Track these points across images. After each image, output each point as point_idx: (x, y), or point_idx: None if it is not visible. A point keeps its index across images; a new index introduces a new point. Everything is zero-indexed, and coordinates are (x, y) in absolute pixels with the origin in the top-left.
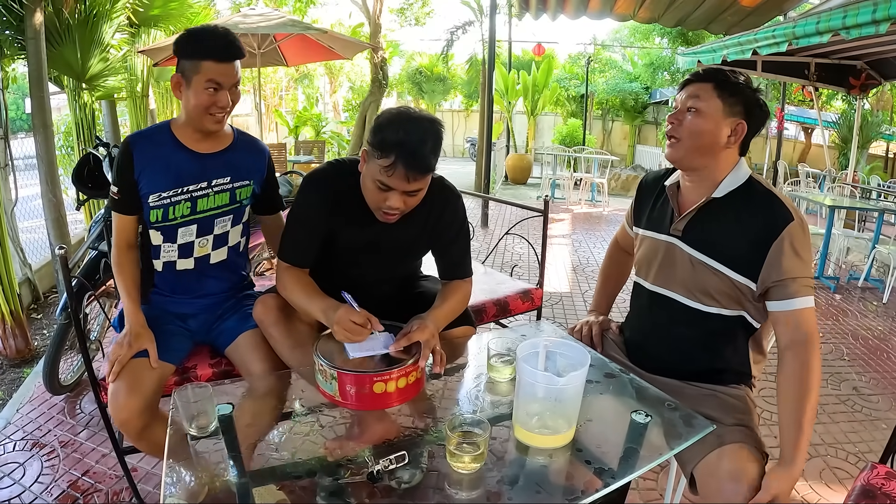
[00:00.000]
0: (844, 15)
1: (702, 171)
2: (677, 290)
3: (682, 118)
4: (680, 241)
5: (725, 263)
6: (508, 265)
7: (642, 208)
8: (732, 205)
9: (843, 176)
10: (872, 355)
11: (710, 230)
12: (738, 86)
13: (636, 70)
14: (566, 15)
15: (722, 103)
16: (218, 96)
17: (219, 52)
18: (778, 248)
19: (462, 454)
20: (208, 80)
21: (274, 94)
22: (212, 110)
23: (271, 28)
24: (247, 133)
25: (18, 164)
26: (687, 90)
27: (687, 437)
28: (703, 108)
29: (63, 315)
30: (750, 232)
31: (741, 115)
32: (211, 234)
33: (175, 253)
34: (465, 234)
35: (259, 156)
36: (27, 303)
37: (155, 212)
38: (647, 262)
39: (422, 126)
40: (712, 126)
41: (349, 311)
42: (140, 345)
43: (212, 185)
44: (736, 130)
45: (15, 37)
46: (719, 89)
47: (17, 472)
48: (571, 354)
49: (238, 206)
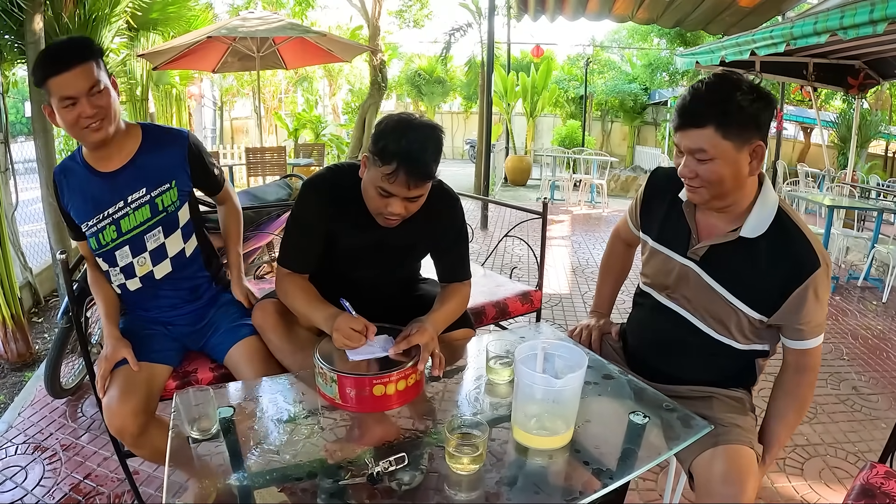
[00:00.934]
0: (842, 15)
1: (730, 206)
2: (689, 310)
3: (694, 168)
4: (698, 268)
5: (742, 299)
6: (508, 267)
7: (652, 214)
8: (760, 241)
9: (843, 175)
10: (872, 355)
11: (733, 264)
12: (739, 110)
13: (635, 71)
14: (564, 16)
15: (731, 143)
16: (78, 108)
17: (56, 65)
18: (801, 295)
19: (461, 455)
20: (61, 98)
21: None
22: (81, 123)
23: (270, 31)
24: (157, 126)
25: (18, 168)
26: (686, 137)
27: (685, 438)
28: (712, 154)
29: (64, 319)
30: (776, 276)
31: (755, 136)
32: (146, 252)
33: (121, 276)
34: (463, 238)
35: (173, 147)
36: (28, 306)
37: (91, 240)
38: (660, 279)
39: (423, 133)
40: (730, 167)
41: (348, 318)
42: (116, 355)
43: (128, 202)
44: (755, 153)
45: (15, 41)
46: (723, 129)
47: (20, 476)
48: (569, 356)
49: (165, 216)
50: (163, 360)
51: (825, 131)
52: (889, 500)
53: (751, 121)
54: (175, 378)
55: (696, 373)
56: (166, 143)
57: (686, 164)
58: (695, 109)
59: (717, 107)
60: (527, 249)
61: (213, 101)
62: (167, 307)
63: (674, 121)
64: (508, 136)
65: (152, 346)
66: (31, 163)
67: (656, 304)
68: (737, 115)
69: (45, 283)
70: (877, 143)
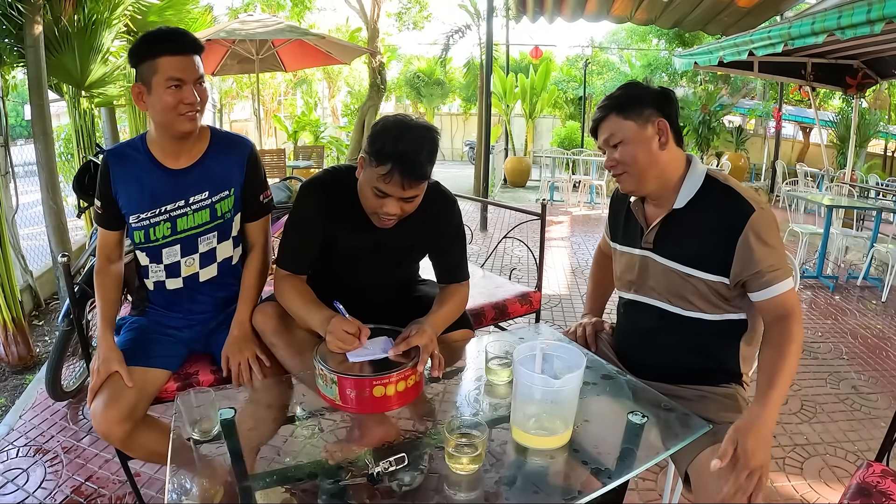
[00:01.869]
0: (839, 15)
1: (658, 186)
2: (655, 297)
3: (613, 157)
4: (652, 253)
5: (696, 266)
6: (507, 268)
7: (616, 223)
8: (694, 209)
9: (842, 175)
10: (871, 354)
11: (678, 237)
12: (633, 95)
13: (634, 72)
14: (563, 17)
15: (632, 122)
16: (182, 92)
17: (174, 45)
18: (745, 242)
19: (460, 455)
20: (168, 78)
21: (272, 100)
22: (180, 109)
23: (269, 34)
24: (224, 132)
25: (18, 171)
26: (601, 133)
27: (683, 437)
28: (621, 137)
29: (65, 322)
30: (715, 231)
31: (655, 114)
32: (196, 253)
33: (163, 273)
34: (461, 239)
35: (235, 154)
36: (28, 309)
37: (137, 233)
38: (625, 275)
39: (418, 134)
40: (640, 145)
41: (341, 320)
42: (109, 369)
43: (190, 203)
44: (660, 129)
45: (14, 45)
46: (622, 112)
47: (21, 478)
48: (568, 357)
49: (221, 221)
50: (161, 366)
51: (824, 131)
52: (885, 499)
53: (646, 101)
54: (176, 380)
55: (681, 356)
56: (230, 149)
57: (607, 156)
58: (600, 108)
59: (616, 99)
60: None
61: (212, 104)
62: (196, 311)
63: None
64: (508, 137)
65: (155, 352)
66: (30, 166)
67: (628, 301)
68: (630, 98)
69: (45, 286)
70: (875, 142)
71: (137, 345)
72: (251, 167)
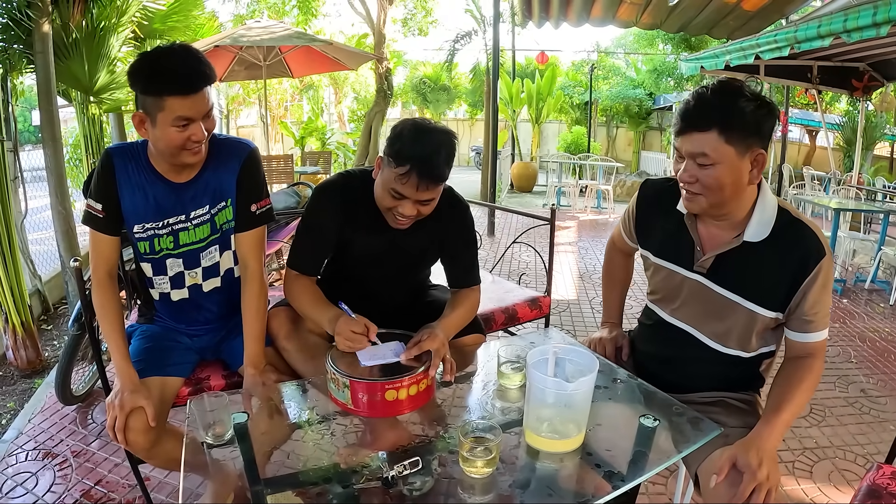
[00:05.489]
0: (845, 18)
1: (729, 214)
2: (699, 328)
3: (694, 173)
4: (707, 280)
5: (757, 301)
6: (516, 273)
7: (649, 229)
8: (765, 241)
9: (848, 178)
10: (880, 357)
11: (740, 269)
12: (743, 116)
13: (640, 76)
14: (569, 22)
15: (734, 148)
16: (191, 130)
17: (183, 84)
18: (810, 285)
19: (475, 459)
20: (176, 118)
21: (279, 106)
22: (187, 145)
23: (276, 40)
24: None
25: (26, 176)
26: (689, 141)
27: (694, 441)
28: (714, 158)
29: (76, 326)
30: (786, 271)
31: (757, 143)
32: (199, 267)
33: (167, 284)
34: (472, 244)
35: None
36: (37, 314)
37: (142, 244)
38: (667, 294)
39: (437, 138)
40: (732, 173)
41: (348, 320)
42: (135, 403)
43: (191, 218)
44: (757, 161)
45: (23, 51)
46: (726, 134)
47: (30, 482)
48: (580, 360)
49: (220, 234)
50: (176, 374)
51: (830, 134)
52: None
53: (754, 127)
54: (188, 385)
55: (705, 382)
56: (227, 157)
57: (686, 168)
58: (699, 113)
59: (721, 111)
60: (534, 255)
61: (218, 110)
62: (202, 321)
63: (675, 125)
64: (514, 142)
65: (170, 360)
66: (37, 171)
67: (661, 321)
68: (740, 121)
69: (53, 290)
70: (882, 144)
71: (152, 354)
72: (244, 171)
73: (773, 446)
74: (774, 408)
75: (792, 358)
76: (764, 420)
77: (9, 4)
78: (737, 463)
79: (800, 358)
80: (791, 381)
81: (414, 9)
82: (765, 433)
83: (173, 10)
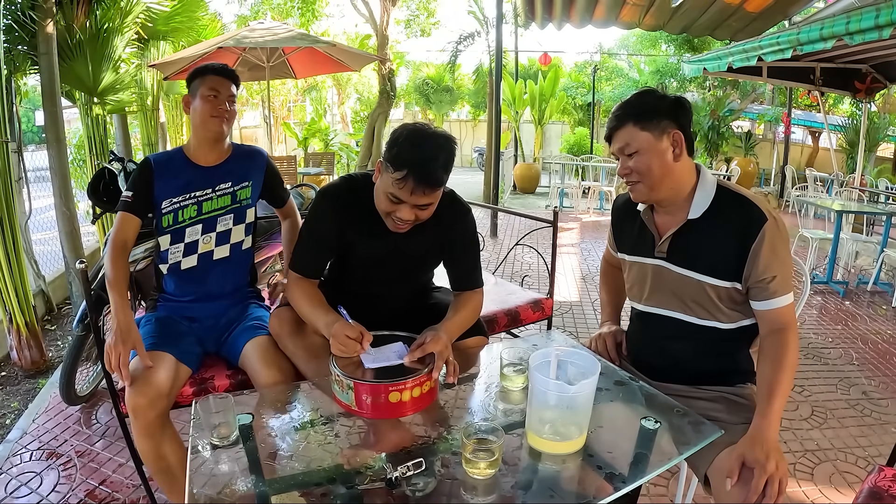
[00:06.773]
0: (848, 20)
1: (670, 196)
2: (670, 307)
3: (627, 165)
4: (666, 262)
5: (711, 274)
6: (518, 275)
7: (623, 235)
8: (709, 217)
9: (851, 179)
10: (882, 359)
11: (693, 246)
12: (650, 105)
13: (643, 77)
14: (571, 23)
15: (649, 133)
16: (217, 101)
17: (217, 69)
18: (756, 250)
19: (478, 460)
20: (209, 88)
21: (282, 107)
22: (213, 112)
23: (279, 42)
24: (244, 145)
25: (29, 177)
26: (615, 141)
27: (695, 443)
28: (637, 147)
29: (80, 326)
30: (730, 238)
31: (670, 125)
32: (214, 232)
33: (180, 252)
34: (474, 246)
35: (256, 159)
36: (41, 314)
37: (167, 217)
38: (638, 285)
39: (435, 143)
40: (655, 156)
41: (344, 325)
42: (130, 340)
43: (216, 189)
44: (675, 141)
45: (28, 52)
46: (638, 122)
47: (34, 482)
48: (582, 363)
49: (239, 207)
50: (185, 361)
51: (833, 135)
52: None
53: (663, 112)
54: (192, 384)
55: (698, 360)
56: (249, 155)
57: (621, 163)
58: (616, 116)
59: (633, 106)
60: (537, 257)
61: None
62: (202, 295)
63: (605, 136)
64: (517, 143)
65: (180, 343)
66: (40, 171)
67: (638, 312)
68: (650, 109)
69: (57, 290)
70: (885, 146)
71: (164, 331)
72: (270, 170)
73: (774, 437)
74: (765, 397)
75: (766, 335)
76: (759, 413)
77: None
78: (745, 461)
79: (773, 333)
80: (773, 364)
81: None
82: (763, 426)
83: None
